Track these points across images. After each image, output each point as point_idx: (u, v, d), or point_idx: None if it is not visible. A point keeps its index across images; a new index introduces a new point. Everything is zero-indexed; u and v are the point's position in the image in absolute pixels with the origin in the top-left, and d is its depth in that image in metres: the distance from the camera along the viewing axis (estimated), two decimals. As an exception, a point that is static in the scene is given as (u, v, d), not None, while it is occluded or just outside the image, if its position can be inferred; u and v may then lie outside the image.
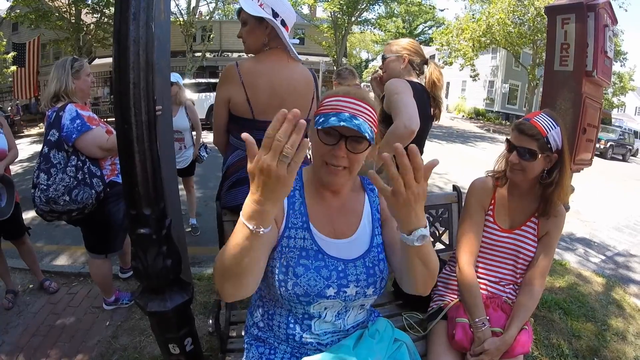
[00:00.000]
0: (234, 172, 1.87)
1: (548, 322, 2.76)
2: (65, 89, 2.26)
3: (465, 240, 1.69)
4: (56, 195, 2.14)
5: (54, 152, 2.19)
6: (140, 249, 1.35)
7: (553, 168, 1.57)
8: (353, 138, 1.08)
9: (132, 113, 1.22)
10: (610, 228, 5.74)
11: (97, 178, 2.26)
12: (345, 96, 1.12)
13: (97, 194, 2.24)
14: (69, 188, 2.15)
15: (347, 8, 20.95)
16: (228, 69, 1.80)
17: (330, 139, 1.10)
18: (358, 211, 1.28)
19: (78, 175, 2.19)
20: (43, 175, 2.16)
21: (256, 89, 1.77)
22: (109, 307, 2.76)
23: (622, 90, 31.36)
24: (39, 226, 4.53)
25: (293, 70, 1.87)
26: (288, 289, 1.13)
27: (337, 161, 1.11)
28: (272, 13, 1.75)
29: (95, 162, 2.30)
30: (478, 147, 14.35)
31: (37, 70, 16.38)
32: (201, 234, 4.32)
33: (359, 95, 1.13)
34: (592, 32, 2.47)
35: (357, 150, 1.10)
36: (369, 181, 1.37)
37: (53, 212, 2.23)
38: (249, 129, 1.81)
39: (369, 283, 1.19)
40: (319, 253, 1.17)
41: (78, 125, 2.18)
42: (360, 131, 1.04)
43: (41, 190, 2.16)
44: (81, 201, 2.19)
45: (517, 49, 21.97)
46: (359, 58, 51.18)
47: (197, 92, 13.80)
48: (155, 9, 1.25)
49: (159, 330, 1.51)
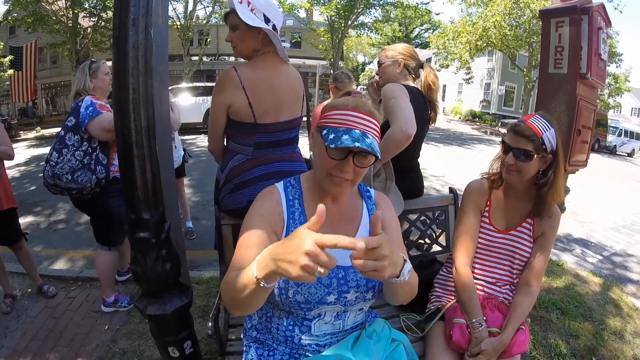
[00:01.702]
0: (235, 176, 1.87)
1: (546, 322, 2.77)
2: (84, 87, 2.56)
3: (462, 242, 1.71)
4: (61, 172, 2.39)
5: (69, 135, 2.45)
6: (140, 252, 1.35)
7: (548, 169, 1.59)
8: (361, 154, 1.09)
9: (131, 118, 1.23)
10: (607, 228, 5.76)
11: (101, 166, 2.47)
12: (355, 110, 1.11)
13: (97, 180, 2.44)
14: (73, 169, 2.40)
15: (343, 12, 20.96)
16: (227, 74, 1.78)
17: (338, 154, 1.09)
18: (357, 218, 1.29)
19: (84, 160, 2.43)
20: (55, 154, 2.42)
21: (258, 94, 1.78)
22: (107, 309, 2.78)
23: (618, 92, 31.44)
24: (37, 231, 4.55)
25: (288, 73, 1.90)
26: (289, 297, 1.14)
27: (344, 175, 1.11)
28: (264, 19, 1.77)
29: (105, 152, 2.51)
30: (475, 149, 14.38)
31: (34, 74, 16.36)
32: (199, 237, 4.32)
33: (367, 109, 1.12)
34: (586, 35, 2.49)
35: (364, 165, 1.11)
36: (366, 188, 1.38)
37: (56, 186, 2.46)
38: (250, 132, 1.83)
39: (368, 288, 1.20)
40: None
41: (90, 112, 2.44)
42: (373, 151, 1.05)
43: (50, 165, 2.42)
44: (80, 183, 2.41)
45: (513, 51, 22.04)
46: (355, 61, 51.20)
47: (195, 96, 13.79)
48: (154, 14, 1.26)
49: (159, 334, 1.52)
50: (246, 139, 1.86)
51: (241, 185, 1.85)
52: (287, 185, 1.28)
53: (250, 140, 1.85)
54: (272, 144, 1.88)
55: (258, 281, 0.88)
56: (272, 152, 1.89)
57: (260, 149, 1.86)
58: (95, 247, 2.79)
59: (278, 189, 1.26)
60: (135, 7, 1.20)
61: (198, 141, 11.51)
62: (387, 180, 2.01)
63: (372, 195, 1.36)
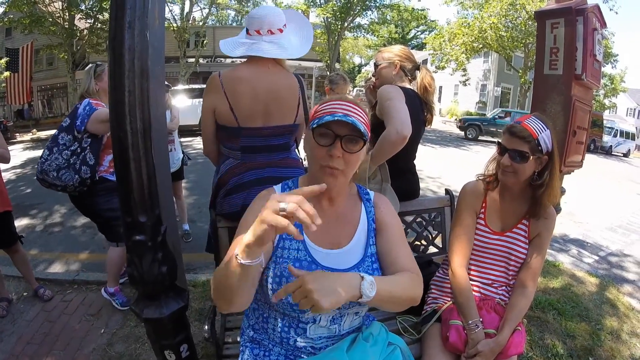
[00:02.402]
0: (227, 180, 1.88)
1: (542, 322, 2.78)
2: (87, 89, 2.69)
3: (457, 244, 1.71)
4: (48, 169, 2.52)
5: (62, 135, 2.57)
6: (136, 255, 1.35)
7: (543, 170, 1.59)
8: (348, 138, 1.11)
9: (127, 121, 1.23)
10: (603, 228, 5.78)
11: (87, 167, 2.54)
12: (338, 100, 1.17)
13: (81, 179, 2.52)
14: (59, 167, 2.51)
15: (340, 14, 21.04)
16: (211, 79, 1.84)
17: (326, 140, 1.12)
18: (354, 221, 1.29)
19: (70, 160, 2.53)
20: (46, 151, 2.56)
21: (238, 97, 1.79)
22: (105, 296, 2.93)
23: (614, 92, 31.63)
24: (32, 233, 4.53)
25: (276, 76, 1.87)
26: (282, 299, 1.14)
27: (334, 162, 1.12)
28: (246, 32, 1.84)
29: (94, 152, 2.57)
30: (471, 150, 14.42)
31: (30, 75, 16.26)
32: (195, 240, 4.30)
33: (351, 99, 1.18)
34: (581, 36, 2.50)
35: (353, 150, 1.12)
36: (365, 190, 1.38)
37: (44, 182, 2.58)
38: (235, 136, 1.84)
39: None
40: (313, 264, 1.18)
41: (87, 111, 2.55)
42: (355, 125, 1.08)
43: (41, 162, 2.55)
44: (64, 180, 2.52)
45: (509, 53, 22.14)
46: (352, 63, 51.32)
47: (191, 98, 13.76)
48: (150, 16, 1.25)
49: (155, 337, 1.51)
50: (233, 143, 1.88)
51: (234, 189, 1.86)
52: (284, 188, 1.30)
53: (236, 145, 1.87)
54: (262, 148, 1.89)
55: (235, 257, 0.91)
56: (264, 157, 1.89)
57: (248, 153, 1.87)
58: (91, 250, 2.79)
59: (276, 191, 1.27)
60: (131, 9, 1.20)
61: (194, 143, 11.47)
62: (383, 182, 2.01)
63: (371, 197, 1.36)
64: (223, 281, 0.98)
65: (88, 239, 4.34)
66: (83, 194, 2.62)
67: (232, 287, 0.98)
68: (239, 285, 0.98)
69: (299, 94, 1.97)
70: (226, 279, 0.97)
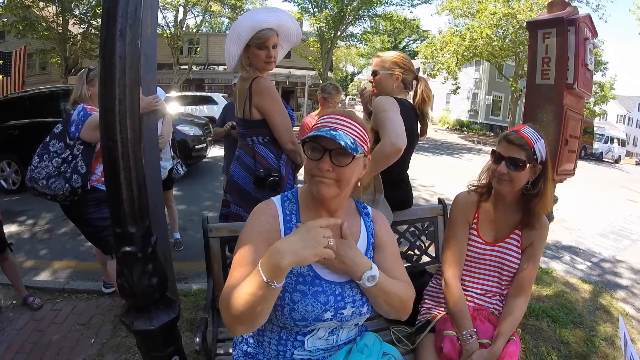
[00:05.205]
0: None
1: (536, 330, 2.77)
2: (80, 95, 2.60)
3: (450, 254, 1.71)
4: (37, 177, 2.43)
5: (54, 142, 2.49)
6: (126, 267, 1.32)
7: (537, 180, 1.60)
8: (337, 151, 1.12)
9: (117, 130, 1.20)
10: (595, 235, 5.83)
11: (78, 175, 2.46)
12: (330, 114, 1.20)
13: (71, 188, 2.44)
14: (49, 175, 2.43)
15: (333, 23, 21.11)
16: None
17: (315, 154, 1.15)
18: (354, 235, 1.29)
19: (61, 168, 2.44)
20: (36, 158, 2.47)
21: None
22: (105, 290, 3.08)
23: (604, 99, 32.09)
24: (21, 240, 4.46)
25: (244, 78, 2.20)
26: (285, 314, 1.14)
27: (322, 173, 1.13)
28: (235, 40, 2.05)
29: (86, 161, 2.49)
30: (464, 158, 14.50)
31: (22, 80, 16.12)
32: (186, 248, 4.25)
33: (343, 112, 1.20)
34: (573, 46, 2.53)
35: (342, 164, 1.13)
36: (364, 205, 1.39)
37: (33, 190, 2.50)
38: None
39: (363, 302, 1.21)
40: (316, 279, 1.18)
41: (82, 116, 2.47)
42: (336, 139, 1.09)
43: (30, 169, 2.47)
44: (54, 189, 2.43)
45: (500, 62, 22.36)
46: (344, 72, 51.61)
47: (184, 105, 13.73)
48: (142, 24, 1.24)
49: (146, 349, 1.48)
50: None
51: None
52: (284, 200, 1.29)
53: None
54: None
55: (268, 283, 0.94)
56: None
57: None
58: (80, 258, 2.75)
59: (275, 204, 1.27)
60: (123, 17, 1.18)
61: (188, 149, 11.40)
62: (376, 193, 2.00)
63: (369, 212, 1.38)
64: (252, 309, 0.99)
65: (77, 247, 4.27)
66: (74, 204, 2.54)
67: (263, 313, 1.02)
68: (268, 309, 1.02)
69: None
70: (256, 306, 0.98)
